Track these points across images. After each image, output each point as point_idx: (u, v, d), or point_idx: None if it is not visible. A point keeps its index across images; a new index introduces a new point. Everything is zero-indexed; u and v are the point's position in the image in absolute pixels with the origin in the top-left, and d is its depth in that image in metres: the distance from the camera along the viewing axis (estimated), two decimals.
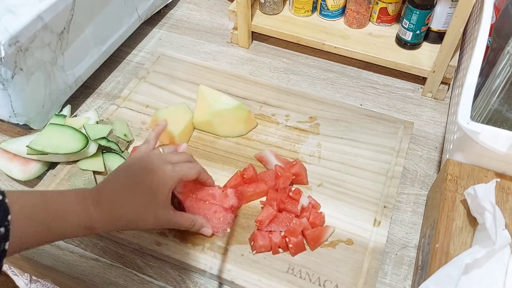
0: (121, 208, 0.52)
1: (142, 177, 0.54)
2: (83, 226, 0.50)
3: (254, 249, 0.60)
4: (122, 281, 0.60)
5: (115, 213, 0.52)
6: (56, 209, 0.48)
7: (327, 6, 0.86)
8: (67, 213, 0.49)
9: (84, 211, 0.50)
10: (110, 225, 0.53)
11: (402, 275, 0.61)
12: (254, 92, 0.80)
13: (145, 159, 0.57)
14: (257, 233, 0.60)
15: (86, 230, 0.51)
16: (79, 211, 0.50)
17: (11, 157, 0.69)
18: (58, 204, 0.49)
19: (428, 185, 0.70)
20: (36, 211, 0.46)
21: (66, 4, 0.69)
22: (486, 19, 0.67)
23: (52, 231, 0.48)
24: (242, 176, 0.66)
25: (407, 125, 0.74)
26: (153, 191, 0.54)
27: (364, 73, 0.88)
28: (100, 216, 0.51)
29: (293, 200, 0.62)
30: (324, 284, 0.57)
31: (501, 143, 0.54)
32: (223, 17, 1.00)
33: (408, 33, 0.80)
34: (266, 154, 0.69)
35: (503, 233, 0.48)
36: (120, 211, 0.52)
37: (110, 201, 0.52)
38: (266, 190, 0.65)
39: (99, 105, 0.82)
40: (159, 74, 0.83)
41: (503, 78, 0.59)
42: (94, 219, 0.51)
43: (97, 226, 0.51)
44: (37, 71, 0.68)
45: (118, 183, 0.54)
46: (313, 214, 0.62)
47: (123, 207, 0.53)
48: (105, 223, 0.52)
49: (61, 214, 0.48)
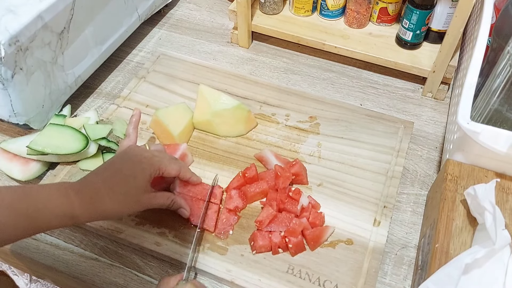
0: (102, 197, 0.53)
1: (121, 166, 0.55)
2: (66, 216, 0.50)
3: (254, 249, 0.60)
4: (122, 281, 0.60)
5: (96, 202, 0.52)
6: (37, 200, 0.49)
7: (327, 6, 0.86)
8: (48, 204, 0.49)
9: (66, 200, 0.50)
10: (93, 213, 0.53)
11: (402, 275, 0.61)
12: (254, 92, 0.80)
13: (126, 151, 0.58)
14: (257, 233, 0.60)
15: (69, 220, 0.51)
16: (60, 201, 0.50)
17: (11, 157, 0.69)
18: (39, 195, 0.49)
19: (428, 185, 0.70)
20: (16, 201, 0.47)
21: (66, 4, 0.69)
22: (486, 19, 0.67)
23: (34, 222, 0.48)
24: (244, 175, 0.66)
25: (407, 125, 0.74)
26: (133, 178, 0.54)
27: (364, 73, 0.88)
28: (82, 205, 0.51)
29: (293, 200, 0.62)
30: (324, 284, 0.57)
31: (501, 143, 0.54)
32: (223, 17, 1.00)
33: (408, 33, 0.80)
34: (266, 154, 0.69)
35: (503, 233, 0.48)
36: (101, 199, 0.53)
37: (91, 190, 0.53)
38: (267, 189, 0.65)
39: (99, 105, 0.82)
40: (159, 74, 0.83)
41: (503, 78, 0.59)
42: (76, 209, 0.51)
43: (80, 215, 0.51)
44: (37, 70, 0.68)
45: (99, 174, 0.55)
46: (313, 214, 0.62)
47: (104, 196, 0.53)
48: (88, 212, 0.52)
49: (42, 205, 0.49)
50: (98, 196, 0.52)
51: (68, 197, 0.51)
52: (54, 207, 0.49)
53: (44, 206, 0.49)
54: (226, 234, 0.62)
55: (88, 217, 0.52)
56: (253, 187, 0.64)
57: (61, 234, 0.64)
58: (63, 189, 0.51)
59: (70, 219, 0.51)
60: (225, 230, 0.62)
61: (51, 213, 0.49)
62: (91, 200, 0.52)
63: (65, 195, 0.51)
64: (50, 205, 0.49)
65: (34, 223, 0.48)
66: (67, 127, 0.70)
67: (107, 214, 0.54)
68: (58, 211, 0.50)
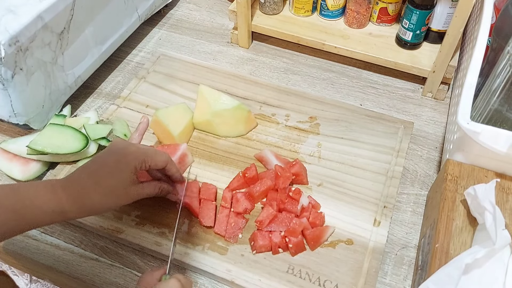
0: (88, 191, 0.53)
1: (107, 159, 0.55)
2: (54, 212, 0.51)
3: (254, 249, 0.60)
4: (122, 281, 0.60)
5: (84, 197, 0.52)
6: (25, 197, 0.49)
7: (327, 6, 0.86)
8: (36, 200, 0.49)
9: (54, 197, 0.51)
10: (82, 208, 0.53)
11: (402, 275, 0.61)
12: (254, 92, 0.80)
13: (111, 144, 0.58)
14: (257, 233, 0.60)
15: (58, 216, 0.51)
16: (48, 197, 0.50)
17: (11, 157, 0.69)
18: (27, 192, 0.49)
19: (428, 185, 0.70)
20: (3, 198, 0.47)
21: (66, 4, 0.69)
22: (486, 19, 0.67)
23: (22, 218, 0.49)
24: (244, 176, 0.66)
25: (407, 125, 0.74)
26: (119, 171, 0.54)
27: (364, 73, 0.88)
28: (70, 201, 0.51)
29: (293, 200, 0.62)
30: (324, 284, 0.57)
31: (501, 143, 0.54)
32: (223, 17, 1.00)
33: (408, 33, 0.80)
34: (266, 154, 0.69)
35: (503, 233, 0.48)
36: (88, 194, 0.53)
37: (78, 185, 0.53)
38: (272, 186, 0.65)
39: (99, 105, 0.82)
40: (159, 74, 0.83)
41: (503, 78, 0.59)
42: (64, 204, 0.51)
43: (69, 211, 0.51)
44: (37, 71, 0.68)
45: (85, 169, 0.55)
46: (313, 214, 0.62)
47: (90, 190, 0.53)
48: (76, 207, 0.52)
49: (30, 202, 0.49)
50: (84, 190, 0.52)
51: (56, 193, 0.51)
52: (41, 203, 0.50)
53: (31, 202, 0.49)
54: (236, 238, 0.61)
55: (78, 212, 0.52)
56: (258, 186, 0.64)
57: (61, 234, 0.64)
58: (50, 186, 0.51)
59: (60, 215, 0.51)
60: (234, 234, 0.62)
61: (39, 210, 0.50)
62: (78, 195, 0.52)
63: (52, 191, 0.51)
64: (37, 202, 0.49)
65: (22, 219, 0.49)
66: (67, 127, 0.70)
67: (96, 208, 0.54)
68: (46, 207, 0.50)
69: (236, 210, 0.63)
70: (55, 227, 0.65)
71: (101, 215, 0.64)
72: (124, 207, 0.64)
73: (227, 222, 0.62)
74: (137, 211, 0.64)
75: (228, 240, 0.61)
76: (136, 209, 0.65)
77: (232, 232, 0.62)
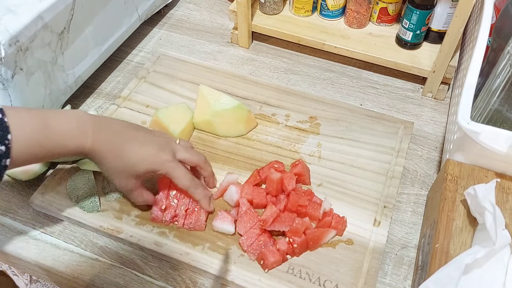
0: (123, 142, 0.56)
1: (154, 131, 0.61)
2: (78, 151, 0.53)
3: (266, 267, 0.58)
4: (122, 281, 0.60)
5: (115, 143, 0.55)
6: (53, 132, 0.50)
7: (327, 6, 0.86)
8: (64, 137, 0.51)
9: (82, 135, 0.53)
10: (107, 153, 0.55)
11: (402, 275, 0.61)
12: (254, 92, 0.80)
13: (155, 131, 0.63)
14: (265, 251, 0.58)
15: (80, 154, 0.54)
16: (77, 134, 0.52)
17: None
18: (56, 126, 0.51)
19: (428, 185, 0.70)
20: (34, 133, 0.49)
21: (66, 4, 0.69)
22: (486, 19, 0.67)
23: (49, 152, 0.51)
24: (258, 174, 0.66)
25: (407, 125, 0.74)
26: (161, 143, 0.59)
27: (364, 73, 0.88)
28: (98, 143, 0.54)
29: (315, 204, 0.61)
30: (324, 284, 0.57)
31: (501, 143, 0.54)
32: (223, 17, 1.00)
33: (408, 33, 0.80)
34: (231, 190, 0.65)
35: (503, 233, 0.48)
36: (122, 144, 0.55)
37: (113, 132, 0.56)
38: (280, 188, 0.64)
39: (99, 105, 0.82)
40: (159, 74, 0.83)
41: (503, 78, 0.59)
42: (89, 144, 0.53)
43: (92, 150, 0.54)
44: (37, 71, 0.68)
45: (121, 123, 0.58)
46: (335, 219, 0.61)
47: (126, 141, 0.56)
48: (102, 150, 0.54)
49: (59, 138, 0.51)
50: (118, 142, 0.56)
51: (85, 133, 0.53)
52: (69, 141, 0.52)
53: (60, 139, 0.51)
54: (256, 255, 0.59)
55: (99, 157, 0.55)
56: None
57: (61, 234, 0.64)
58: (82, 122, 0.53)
59: (82, 154, 0.54)
60: (257, 251, 0.59)
61: (65, 148, 0.52)
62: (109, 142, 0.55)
63: (82, 130, 0.53)
64: (66, 140, 0.52)
65: (48, 153, 0.51)
66: None
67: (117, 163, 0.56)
68: (73, 146, 0.52)
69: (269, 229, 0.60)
70: (55, 227, 0.65)
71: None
72: (124, 207, 0.65)
73: (256, 239, 0.60)
74: (137, 211, 0.64)
75: (249, 254, 0.59)
76: (136, 209, 0.65)
77: (256, 249, 0.59)
